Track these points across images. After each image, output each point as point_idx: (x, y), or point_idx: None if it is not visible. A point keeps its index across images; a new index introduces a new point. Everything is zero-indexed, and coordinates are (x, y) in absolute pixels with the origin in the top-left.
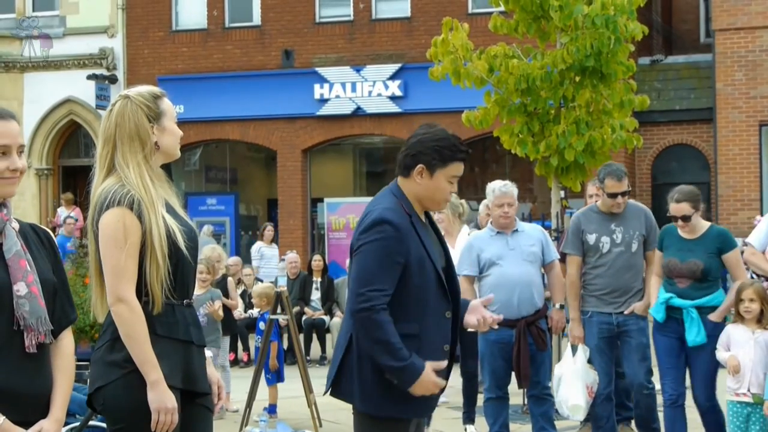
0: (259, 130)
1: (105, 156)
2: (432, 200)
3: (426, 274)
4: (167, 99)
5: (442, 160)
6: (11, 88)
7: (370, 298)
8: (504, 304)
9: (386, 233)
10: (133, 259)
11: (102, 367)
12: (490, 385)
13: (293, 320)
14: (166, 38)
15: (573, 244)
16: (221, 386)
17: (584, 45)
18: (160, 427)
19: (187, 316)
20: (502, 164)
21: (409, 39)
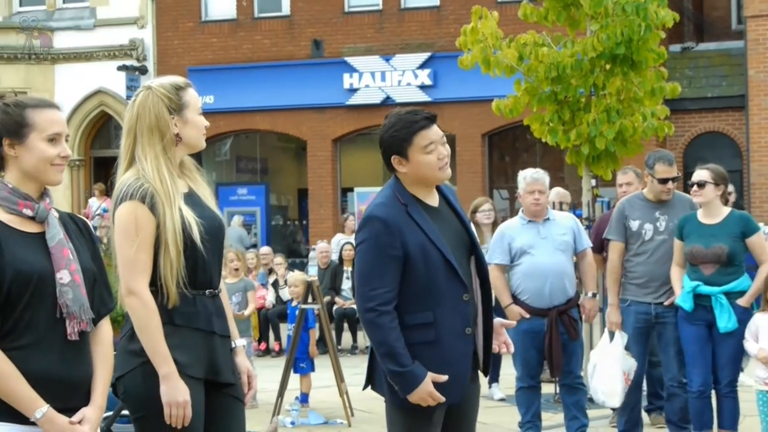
0: (289, 120)
1: (127, 147)
2: (426, 177)
3: (431, 262)
4: (192, 90)
5: (405, 140)
6: (42, 79)
7: (371, 298)
8: (535, 293)
9: (375, 229)
10: (145, 253)
11: (122, 356)
12: (522, 375)
13: (324, 310)
14: (196, 29)
15: (616, 229)
16: (252, 375)
17: (615, 32)
18: (173, 421)
19: (209, 306)
20: (532, 153)
21: (439, 28)
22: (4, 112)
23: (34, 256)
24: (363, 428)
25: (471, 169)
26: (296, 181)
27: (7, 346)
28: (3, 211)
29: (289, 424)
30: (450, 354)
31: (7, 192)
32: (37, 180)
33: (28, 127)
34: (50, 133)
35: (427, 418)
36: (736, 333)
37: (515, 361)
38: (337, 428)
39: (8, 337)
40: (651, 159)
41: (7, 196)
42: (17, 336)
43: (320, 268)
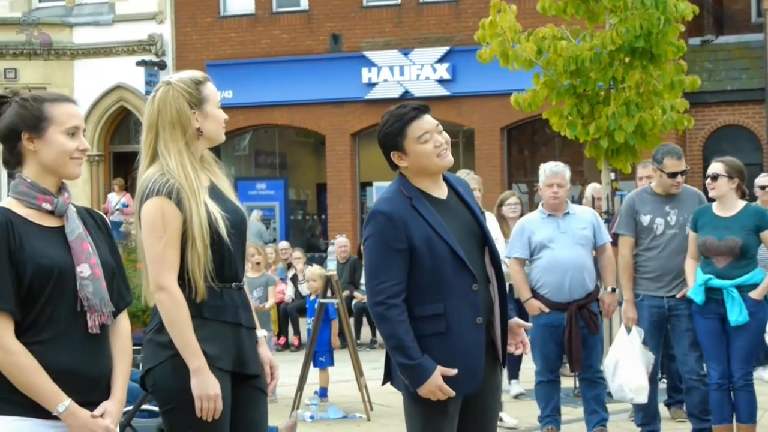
0: (307, 115)
1: (149, 143)
2: (426, 167)
3: (437, 253)
4: (211, 84)
5: (398, 135)
6: (62, 75)
7: (379, 291)
8: (555, 287)
9: (379, 224)
10: (173, 248)
11: (152, 348)
12: (542, 369)
13: (343, 304)
14: (215, 24)
15: (626, 224)
16: (274, 366)
17: (634, 26)
18: (204, 414)
19: (236, 298)
20: (551, 147)
21: (457, 22)
22: (22, 106)
23: (54, 250)
24: (382, 422)
25: (490, 163)
26: (315, 175)
27: (29, 340)
28: (22, 205)
29: (309, 419)
30: (462, 344)
31: (26, 187)
32: (56, 174)
33: (47, 121)
34: (69, 126)
35: (442, 411)
36: (749, 326)
37: (534, 356)
38: (357, 422)
39: (29, 332)
40: (659, 153)
41: (26, 191)
42: (38, 330)
43: (339, 262)
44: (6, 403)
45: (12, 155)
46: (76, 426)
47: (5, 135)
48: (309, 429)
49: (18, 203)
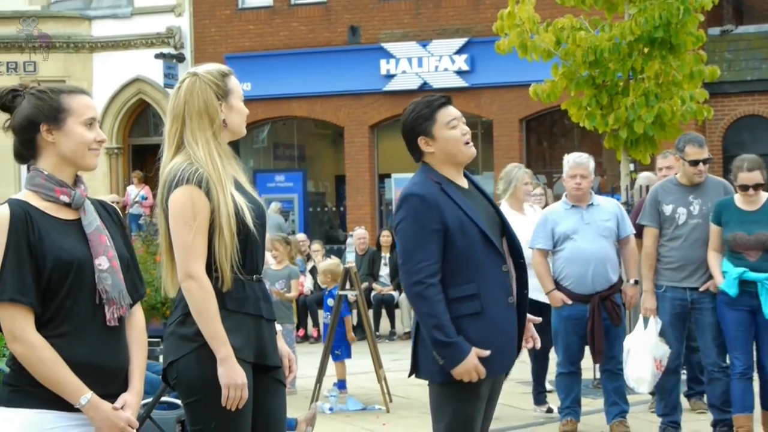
0: (326, 107)
1: (174, 133)
2: (454, 154)
3: (469, 235)
4: (234, 77)
5: (428, 119)
6: (81, 68)
7: (417, 271)
8: (578, 279)
9: (413, 206)
10: (202, 237)
11: (174, 341)
12: (563, 360)
13: (362, 296)
14: (233, 16)
15: (650, 215)
16: (292, 359)
17: (653, 16)
18: (230, 403)
19: (257, 290)
20: (570, 138)
21: (475, 13)
22: (40, 98)
23: (73, 243)
24: (401, 414)
25: (508, 154)
26: (334, 167)
27: (49, 333)
28: (39, 198)
29: (328, 411)
30: (497, 324)
31: (43, 179)
32: (74, 165)
33: (66, 112)
34: (87, 117)
35: (475, 394)
36: None
37: (556, 347)
38: (376, 414)
39: (49, 325)
40: (681, 142)
41: (43, 183)
42: (58, 323)
43: (358, 254)
44: (28, 395)
45: (27, 147)
46: (98, 418)
47: (24, 127)
48: (328, 421)
49: (35, 196)
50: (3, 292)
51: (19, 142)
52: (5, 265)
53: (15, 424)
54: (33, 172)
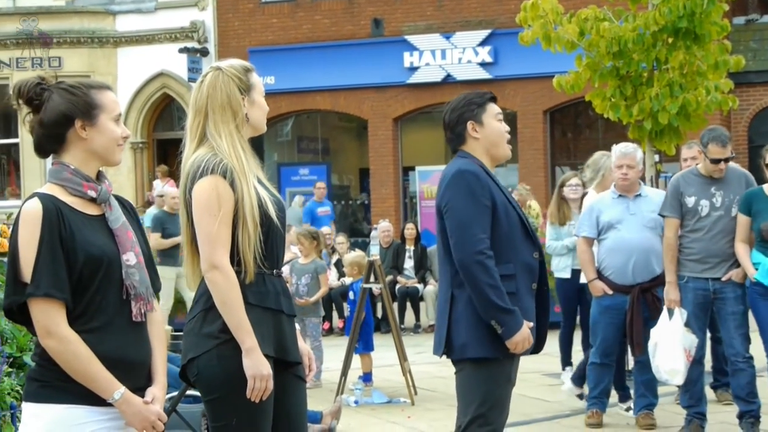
0: (349, 100)
1: (196, 126)
2: (498, 145)
3: (511, 218)
4: (256, 73)
5: (479, 105)
6: (105, 63)
7: (477, 242)
8: (618, 269)
9: (467, 181)
10: (226, 227)
11: (195, 338)
12: (598, 351)
13: (387, 289)
14: (256, 10)
15: (671, 206)
16: (311, 357)
17: (677, 6)
18: (255, 394)
19: (277, 285)
20: (594, 129)
21: (499, 4)
22: (73, 93)
23: (102, 239)
24: (426, 406)
25: (532, 146)
26: (358, 160)
27: (80, 328)
28: (65, 192)
29: (353, 403)
30: (526, 306)
31: (70, 173)
32: (103, 160)
33: (98, 108)
34: (116, 113)
35: (507, 376)
36: None
37: (594, 337)
38: (401, 407)
39: (80, 320)
40: (705, 137)
41: (70, 177)
42: (88, 318)
43: (382, 247)
44: (57, 391)
45: (54, 142)
46: (130, 413)
47: (57, 121)
48: (353, 414)
49: (61, 190)
50: (38, 287)
51: (45, 135)
52: (39, 260)
53: (43, 420)
54: (58, 166)
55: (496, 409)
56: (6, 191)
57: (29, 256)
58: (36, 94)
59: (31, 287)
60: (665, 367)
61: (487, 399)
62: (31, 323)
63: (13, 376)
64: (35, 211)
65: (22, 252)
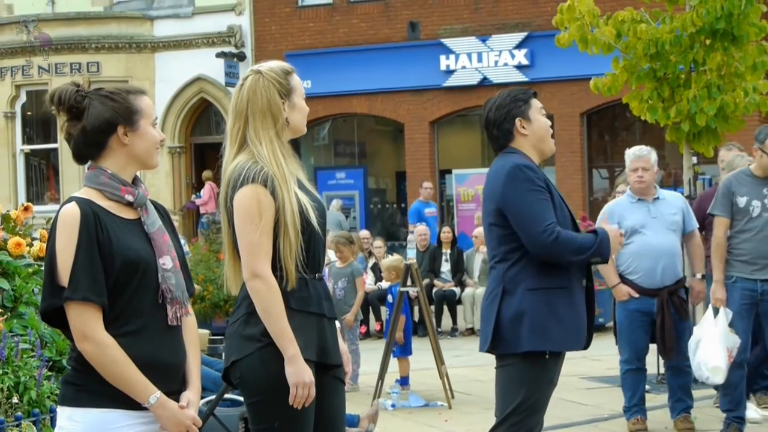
0: (386, 103)
1: (236, 131)
2: (545, 140)
3: (563, 215)
4: (296, 75)
5: (525, 101)
6: (143, 68)
7: (549, 231)
8: (647, 273)
9: (527, 175)
10: (267, 236)
11: (237, 341)
12: (629, 357)
13: (423, 292)
14: (293, 14)
15: (722, 205)
16: (348, 358)
17: (714, 7)
18: (297, 401)
19: (319, 289)
20: (632, 131)
21: (535, 7)
22: (113, 100)
23: (138, 243)
24: (464, 410)
25: (570, 148)
26: (394, 164)
27: (116, 332)
28: (102, 197)
29: (390, 407)
30: (577, 301)
31: (107, 177)
32: (143, 164)
33: (139, 113)
34: (153, 117)
35: (549, 377)
36: None
37: (621, 342)
38: (438, 410)
39: (116, 323)
40: (762, 134)
41: (107, 182)
42: (124, 322)
43: (419, 250)
44: (94, 395)
45: (95, 148)
46: (165, 417)
47: (101, 128)
48: (390, 417)
49: (99, 194)
50: (75, 291)
51: (86, 142)
52: (77, 264)
53: (79, 423)
54: (96, 171)
55: (534, 408)
56: (45, 196)
57: (67, 260)
58: (76, 102)
59: (68, 291)
60: (708, 364)
61: (527, 398)
62: (67, 327)
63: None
64: (73, 215)
65: (59, 256)
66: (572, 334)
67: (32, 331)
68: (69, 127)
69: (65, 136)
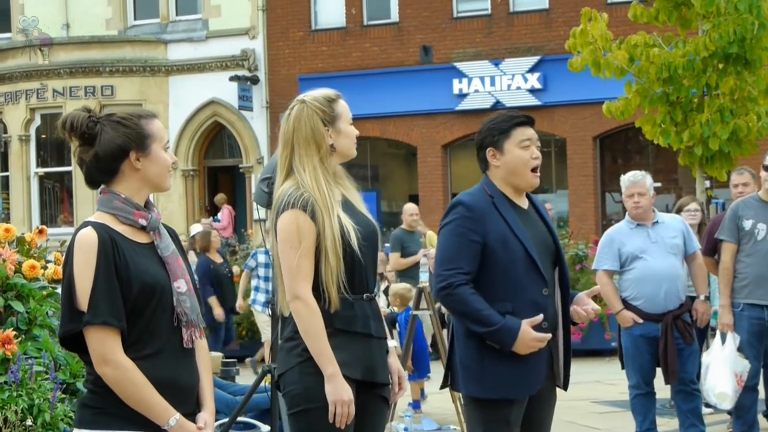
0: (398, 127)
1: (284, 159)
2: (518, 174)
3: (511, 253)
4: (343, 101)
5: (502, 132)
6: (157, 91)
7: (447, 277)
8: (650, 298)
9: (459, 214)
10: (307, 259)
11: (283, 355)
12: (638, 382)
13: (436, 316)
14: (306, 38)
15: (729, 230)
16: (402, 376)
17: (727, 31)
18: (337, 420)
19: (366, 309)
20: (645, 155)
21: (548, 31)
22: (124, 125)
23: (154, 266)
24: None
25: (582, 172)
26: (407, 187)
27: (134, 355)
28: (116, 221)
29: (403, 430)
30: None
31: (121, 202)
32: (156, 188)
33: (150, 138)
34: (165, 141)
35: (504, 420)
36: None
37: (628, 368)
38: None
39: (134, 347)
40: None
41: (121, 206)
42: (142, 345)
43: (431, 272)
44: (113, 417)
45: (107, 173)
46: None
47: (113, 155)
48: None
49: (113, 219)
50: (95, 315)
51: (99, 168)
52: (96, 289)
53: None
54: (109, 195)
55: None
56: (59, 218)
57: (86, 284)
58: (88, 128)
59: (88, 315)
60: (715, 390)
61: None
62: (84, 351)
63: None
64: (91, 240)
65: (78, 281)
66: (513, 381)
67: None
68: (81, 153)
69: (78, 161)
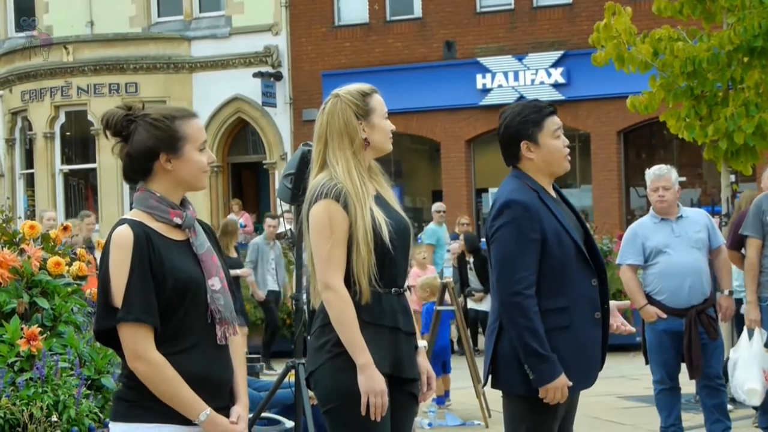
0: (422, 122)
1: (318, 153)
2: (554, 164)
3: (565, 247)
4: (378, 95)
5: (535, 124)
6: (180, 88)
7: (517, 281)
8: (674, 292)
9: (515, 213)
10: (339, 249)
11: (312, 352)
12: (662, 377)
13: (460, 311)
14: (329, 34)
15: (753, 226)
16: (431, 375)
17: (752, 25)
18: (371, 411)
19: (394, 303)
20: (669, 149)
21: (571, 26)
22: (156, 127)
23: (189, 264)
24: (500, 429)
25: (606, 167)
26: (430, 182)
27: (168, 351)
28: (152, 219)
29: (427, 426)
30: (583, 339)
31: (156, 201)
32: (189, 188)
33: (183, 140)
34: (201, 142)
35: (553, 413)
36: None
37: (652, 363)
38: (474, 429)
39: (168, 343)
40: None
41: (156, 205)
42: (176, 341)
43: (454, 267)
44: (146, 411)
45: (141, 172)
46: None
47: (143, 155)
48: None
49: (148, 217)
50: (129, 312)
51: (132, 167)
52: (130, 286)
53: None
54: (145, 193)
55: None
56: None
57: (120, 281)
58: (123, 126)
59: (122, 312)
60: (743, 387)
61: None
62: (119, 346)
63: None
64: (126, 237)
65: (113, 278)
66: (572, 375)
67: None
68: (119, 150)
69: (118, 156)
